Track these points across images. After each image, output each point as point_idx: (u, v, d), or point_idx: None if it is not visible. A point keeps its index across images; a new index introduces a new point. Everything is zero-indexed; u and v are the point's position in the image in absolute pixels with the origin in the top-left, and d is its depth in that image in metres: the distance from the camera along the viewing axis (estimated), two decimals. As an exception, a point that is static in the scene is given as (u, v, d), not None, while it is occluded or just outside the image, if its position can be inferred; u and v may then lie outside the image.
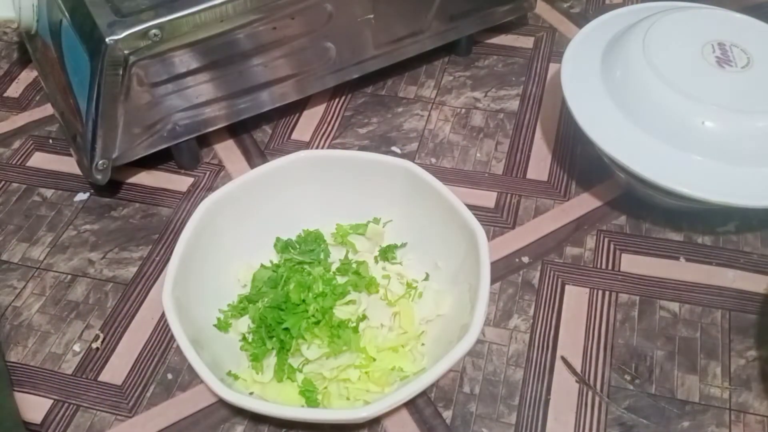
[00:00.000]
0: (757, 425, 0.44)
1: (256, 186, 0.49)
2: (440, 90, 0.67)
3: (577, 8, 0.75)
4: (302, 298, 0.47)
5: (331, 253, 0.52)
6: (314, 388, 0.44)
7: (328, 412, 0.41)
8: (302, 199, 0.51)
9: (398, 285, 0.50)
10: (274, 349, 0.46)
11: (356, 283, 0.49)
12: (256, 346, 0.46)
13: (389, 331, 0.48)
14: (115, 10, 0.49)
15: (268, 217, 0.51)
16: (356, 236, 0.52)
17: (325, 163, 0.50)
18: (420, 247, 0.51)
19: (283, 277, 0.49)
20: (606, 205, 0.57)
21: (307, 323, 0.46)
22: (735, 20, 0.55)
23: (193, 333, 0.42)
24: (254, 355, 0.46)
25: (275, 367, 0.45)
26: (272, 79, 0.58)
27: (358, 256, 0.52)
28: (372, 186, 0.50)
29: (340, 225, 0.52)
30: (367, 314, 0.48)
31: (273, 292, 0.48)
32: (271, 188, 0.50)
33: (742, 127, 0.48)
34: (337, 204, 0.52)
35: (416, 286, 0.49)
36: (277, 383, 0.45)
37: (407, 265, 0.51)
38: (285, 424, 0.45)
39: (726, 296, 0.50)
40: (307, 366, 0.46)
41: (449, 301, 0.48)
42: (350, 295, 0.48)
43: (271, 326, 0.46)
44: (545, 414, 0.45)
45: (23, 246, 0.56)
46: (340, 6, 0.56)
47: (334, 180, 0.51)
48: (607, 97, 0.53)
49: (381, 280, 0.50)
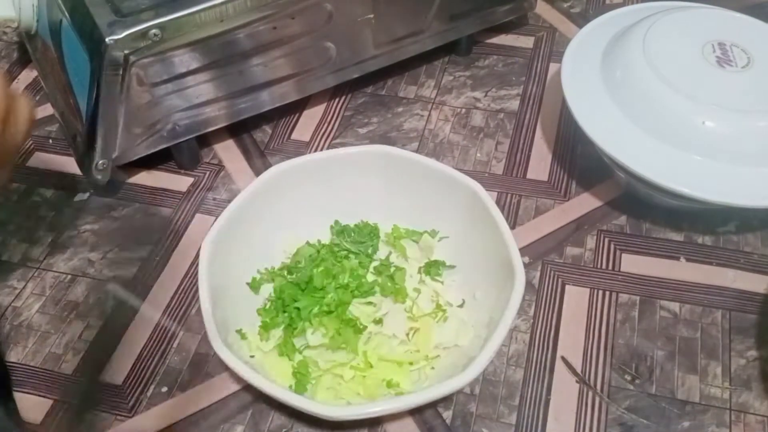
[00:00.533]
0: (757, 425, 0.44)
1: (325, 166, 0.50)
2: (440, 90, 0.67)
3: (577, 8, 0.75)
4: (324, 285, 0.47)
5: (380, 251, 0.52)
6: (307, 373, 0.44)
7: (298, 399, 0.39)
8: (366, 191, 0.51)
9: (428, 302, 0.49)
10: (283, 324, 0.47)
11: (385, 286, 0.49)
12: (269, 315, 0.47)
13: (400, 344, 0.47)
14: (115, 10, 0.49)
15: (329, 198, 0.51)
16: (410, 242, 0.51)
17: (396, 162, 0.50)
18: (465, 271, 0.50)
19: (318, 259, 0.49)
20: (606, 205, 0.57)
21: (319, 309, 0.46)
22: (735, 20, 0.55)
23: (221, 282, 0.44)
24: (264, 323, 0.47)
25: (279, 340, 0.46)
26: (272, 79, 0.58)
27: (406, 263, 0.51)
28: (436, 197, 0.50)
29: (397, 227, 0.52)
30: (384, 320, 0.47)
31: (303, 269, 0.49)
32: (339, 173, 0.50)
33: (743, 126, 0.48)
34: (399, 205, 0.51)
35: (446, 309, 0.48)
36: (277, 356, 0.46)
37: (447, 286, 0.50)
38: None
39: (726, 296, 0.50)
40: (306, 350, 0.46)
41: (471, 335, 0.46)
42: (374, 297, 0.48)
43: (284, 301, 0.47)
44: (545, 414, 0.45)
45: (23, 246, 0.56)
46: (340, 6, 0.56)
47: (401, 181, 0.50)
48: (608, 96, 0.53)
49: (411, 292, 0.49)
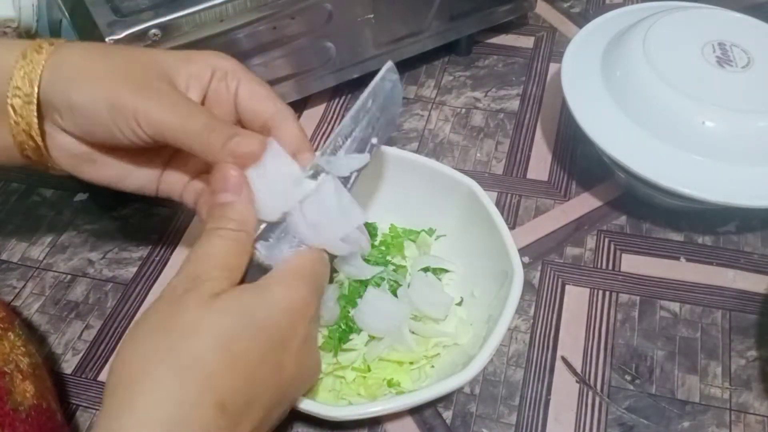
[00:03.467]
0: (757, 425, 0.44)
1: None
2: (440, 90, 0.67)
3: (577, 8, 0.75)
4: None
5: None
6: None
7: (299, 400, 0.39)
8: (364, 190, 0.51)
9: None
10: None
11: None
12: None
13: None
14: (114, 10, 0.49)
15: None
16: (407, 241, 0.51)
17: (393, 161, 0.50)
18: (463, 269, 0.50)
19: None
20: (606, 205, 0.57)
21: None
22: (735, 20, 0.55)
23: None
24: None
25: None
26: (272, 79, 0.58)
27: (404, 262, 0.51)
28: (434, 195, 0.49)
29: (394, 226, 0.52)
30: None
31: None
32: None
33: (743, 126, 0.48)
34: (395, 204, 0.51)
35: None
36: None
37: (445, 284, 0.49)
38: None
39: (726, 296, 0.50)
40: None
41: (470, 333, 0.46)
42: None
43: None
44: (545, 414, 0.45)
45: (23, 246, 0.56)
46: (340, 6, 0.56)
47: (398, 180, 0.50)
48: (608, 96, 0.53)
49: None
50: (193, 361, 0.28)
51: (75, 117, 0.35)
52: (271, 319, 0.31)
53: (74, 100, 0.34)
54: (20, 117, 0.35)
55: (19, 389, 0.37)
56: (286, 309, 0.32)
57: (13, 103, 0.34)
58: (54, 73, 0.35)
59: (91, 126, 0.35)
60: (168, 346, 0.28)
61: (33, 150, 0.36)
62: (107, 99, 0.33)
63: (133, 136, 0.34)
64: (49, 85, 0.34)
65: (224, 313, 0.29)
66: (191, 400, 0.27)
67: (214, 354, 0.28)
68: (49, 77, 0.34)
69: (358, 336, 0.45)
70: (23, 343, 0.41)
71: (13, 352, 0.39)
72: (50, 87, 0.34)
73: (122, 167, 0.38)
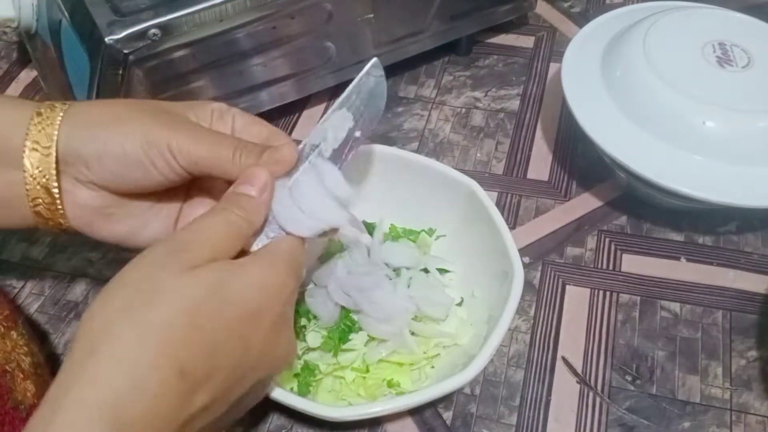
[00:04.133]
0: (757, 425, 0.44)
1: None
2: (440, 90, 0.67)
3: (577, 8, 0.75)
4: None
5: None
6: (311, 377, 0.44)
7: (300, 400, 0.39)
8: (363, 191, 0.51)
9: None
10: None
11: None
12: None
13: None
14: (114, 10, 0.49)
15: None
16: (407, 241, 0.51)
17: (392, 161, 0.50)
18: (464, 270, 0.49)
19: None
20: (607, 205, 0.57)
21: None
22: (735, 20, 0.55)
23: None
24: None
25: None
26: (272, 78, 0.58)
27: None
28: (433, 195, 0.49)
29: (395, 226, 0.52)
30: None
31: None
32: None
33: (743, 126, 0.48)
34: (395, 204, 0.51)
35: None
36: None
37: (445, 284, 0.49)
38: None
39: (727, 296, 0.50)
40: (307, 354, 0.45)
41: (470, 333, 0.46)
42: None
43: None
44: (546, 415, 0.45)
45: (23, 245, 0.56)
46: (340, 5, 0.56)
47: (398, 180, 0.50)
48: (608, 96, 0.53)
49: None
50: (156, 324, 0.28)
51: (105, 162, 0.35)
52: (241, 294, 0.31)
53: (106, 145, 0.34)
54: (38, 170, 0.35)
55: (20, 388, 0.37)
56: (259, 286, 0.32)
57: (31, 157, 0.34)
58: (75, 126, 0.35)
59: (123, 169, 0.35)
60: (135, 305, 0.29)
61: (47, 206, 0.36)
62: (142, 136, 0.34)
63: (168, 169, 0.35)
64: (70, 138, 0.34)
65: (196, 283, 0.30)
66: (150, 362, 0.28)
67: (179, 320, 0.29)
68: (69, 130, 0.35)
69: (358, 336, 0.45)
70: (26, 342, 0.41)
71: (15, 351, 0.39)
72: (72, 139, 0.34)
73: (139, 217, 0.38)
